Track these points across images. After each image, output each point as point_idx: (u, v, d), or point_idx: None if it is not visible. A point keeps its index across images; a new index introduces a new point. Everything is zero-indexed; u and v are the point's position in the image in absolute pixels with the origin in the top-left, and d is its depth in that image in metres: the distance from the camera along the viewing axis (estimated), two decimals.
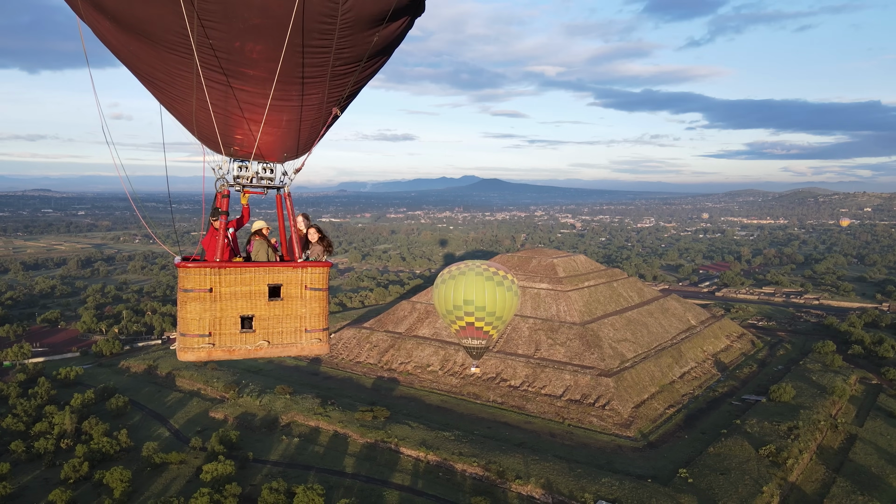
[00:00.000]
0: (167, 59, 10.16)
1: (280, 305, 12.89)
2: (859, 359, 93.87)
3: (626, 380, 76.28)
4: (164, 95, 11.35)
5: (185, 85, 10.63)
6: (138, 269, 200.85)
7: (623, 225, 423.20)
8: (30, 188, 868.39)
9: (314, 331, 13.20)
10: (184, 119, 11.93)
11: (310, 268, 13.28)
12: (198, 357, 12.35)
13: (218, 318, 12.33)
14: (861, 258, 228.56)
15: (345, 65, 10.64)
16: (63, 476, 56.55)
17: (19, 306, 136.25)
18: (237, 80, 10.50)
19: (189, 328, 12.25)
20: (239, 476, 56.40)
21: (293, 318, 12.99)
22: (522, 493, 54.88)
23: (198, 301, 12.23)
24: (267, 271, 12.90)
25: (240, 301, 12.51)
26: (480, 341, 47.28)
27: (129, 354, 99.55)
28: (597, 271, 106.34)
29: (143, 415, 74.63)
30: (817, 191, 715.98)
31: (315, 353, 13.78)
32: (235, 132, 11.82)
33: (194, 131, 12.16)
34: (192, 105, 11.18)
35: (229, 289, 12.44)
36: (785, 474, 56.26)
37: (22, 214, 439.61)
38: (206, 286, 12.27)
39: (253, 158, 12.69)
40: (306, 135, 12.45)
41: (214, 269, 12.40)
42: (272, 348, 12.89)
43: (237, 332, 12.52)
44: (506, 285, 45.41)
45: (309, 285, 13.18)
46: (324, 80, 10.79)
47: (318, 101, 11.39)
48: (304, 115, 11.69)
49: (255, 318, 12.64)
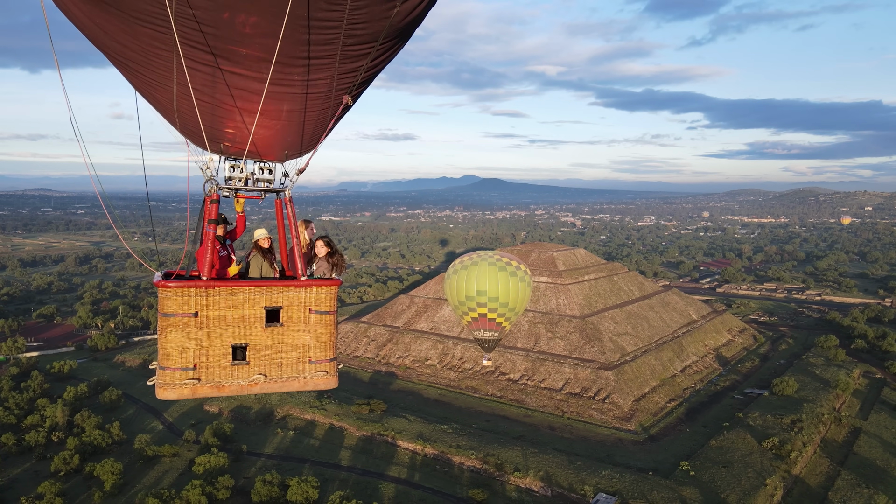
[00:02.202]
0: (140, 35, 8.39)
1: (279, 332, 10.94)
2: (862, 353, 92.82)
3: (626, 373, 75.28)
4: (139, 80, 9.46)
5: (164, 67, 8.80)
6: (136, 265, 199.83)
7: (623, 223, 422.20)
8: (30, 188, 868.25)
9: (320, 361, 11.25)
10: (163, 109, 9.99)
11: (315, 287, 11.16)
12: (180, 395, 10.46)
13: (205, 349, 10.42)
14: (863, 255, 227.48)
15: (358, 45, 8.82)
16: (53, 468, 55.59)
17: (15, 302, 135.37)
18: (226, 62, 8.65)
19: (170, 360, 10.31)
20: (232, 469, 55.43)
21: (295, 346, 11.04)
22: (521, 485, 53.89)
23: (180, 328, 10.28)
24: (263, 291, 10.87)
25: (231, 327, 10.58)
26: (493, 333, 46.06)
27: (124, 349, 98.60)
28: (597, 265, 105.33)
29: (136, 408, 73.66)
30: (818, 190, 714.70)
31: (321, 388, 11.64)
32: (225, 125, 9.92)
33: (176, 124, 10.21)
34: (173, 92, 9.29)
35: (218, 312, 10.49)
36: (788, 467, 55.25)
37: (21, 213, 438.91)
38: (190, 310, 10.32)
39: (247, 157, 10.74)
40: (311, 128, 10.46)
41: (200, 290, 10.37)
42: (269, 383, 10.94)
43: (227, 365, 10.58)
44: (519, 276, 44.22)
45: (314, 307, 11.12)
46: (332, 62, 8.96)
47: (326, 87, 9.42)
48: (309, 104, 9.72)
49: (249, 348, 10.71)
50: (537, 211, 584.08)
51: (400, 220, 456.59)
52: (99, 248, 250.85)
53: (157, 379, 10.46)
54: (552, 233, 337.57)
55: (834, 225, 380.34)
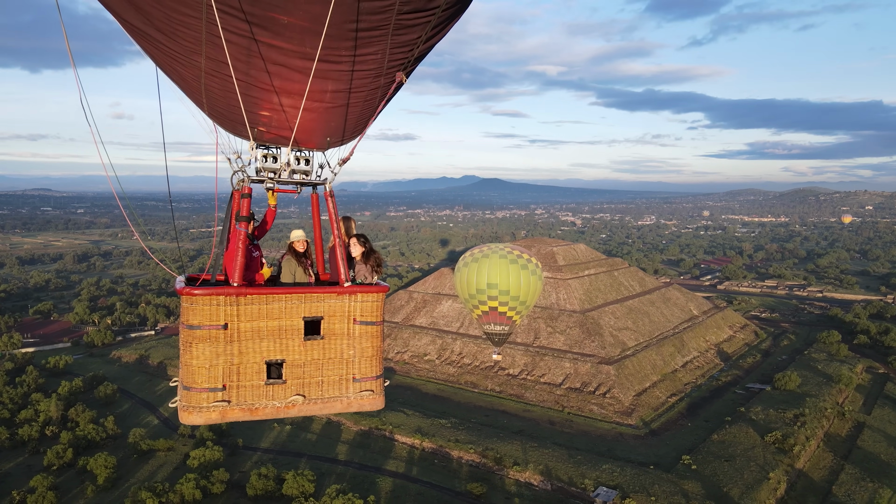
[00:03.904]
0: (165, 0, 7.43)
1: (320, 346, 9.59)
2: (865, 348, 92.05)
3: (627, 368, 74.51)
4: (163, 54, 8.14)
5: (191, 38, 7.70)
6: (135, 263, 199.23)
7: (624, 222, 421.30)
8: (30, 187, 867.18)
9: (365, 379, 9.85)
10: (189, 88, 8.73)
11: (360, 294, 9.80)
12: (207, 419, 9.07)
13: (235, 366, 9.12)
14: (864, 253, 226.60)
15: (413, 12, 7.74)
16: (46, 462, 54.91)
17: (13, 299, 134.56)
18: (265, 32, 7.50)
19: (196, 380, 8.95)
20: (228, 463, 54.75)
21: (337, 362, 9.72)
22: (520, 479, 53.14)
23: (208, 342, 8.95)
24: (302, 299, 9.46)
25: (265, 341, 9.25)
26: (503, 327, 45.22)
27: (121, 345, 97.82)
28: (597, 260, 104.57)
29: (132, 403, 72.91)
30: (818, 190, 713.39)
31: (365, 410, 10.17)
32: (260, 107, 8.63)
33: (203, 105, 8.96)
34: (201, 67, 8.13)
35: (251, 324, 9.16)
36: (792, 461, 54.50)
37: (21, 212, 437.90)
38: (219, 321, 8.97)
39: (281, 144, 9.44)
40: (357, 111, 9.11)
41: (231, 298, 9.00)
42: (309, 405, 9.57)
43: (261, 385, 9.24)
44: (530, 269, 43.39)
45: (359, 318, 9.80)
46: (385, 33, 7.84)
47: (376, 64, 8.22)
48: (357, 83, 8.45)
49: (285, 365, 9.39)
50: (537, 210, 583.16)
51: (400, 219, 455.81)
52: (98, 246, 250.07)
53: (181, 401, 9.17)
54: (552, 232, 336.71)
55: (834, 224, 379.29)
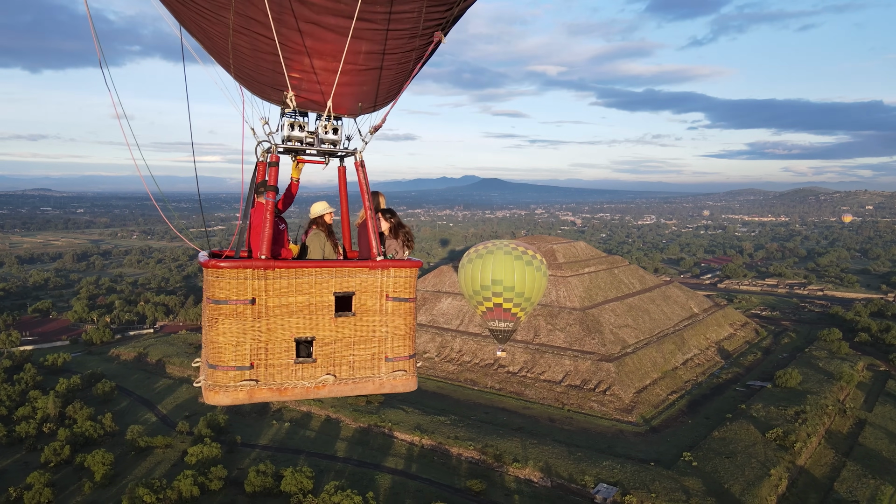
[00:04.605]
0: None
1: (351, 323, 9.07)
2: (866, 346, 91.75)
3: (627, 365, 74.22)
4: (188, 8, 7.69)
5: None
6: (134, 262, 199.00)
7: (624, 222, 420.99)
8: (30, 188, 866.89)
9: (398, 359, 9.40)
10: (215, 47, 8.22)
11: (393, 269, 9.27)
12: (234, 399, 8.58)
13: (263, 343, 8.62)
14: (864, 252, 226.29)
15: None
16: (43, 459, 54.62)
17: (11, 297, 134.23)
18: None
19: (222, 357, 8.46)
20: (226, 460, 54.43)
21: (369, 340, 9.24)
22: (520, 476, 52.85)
23: (235, 317, 8.44)
24: (333, 274, 8.93)
25: (295, 317, 8.74)
26: (508, 324, 44.89)
27: (119, 343, 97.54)
28: (597, 258, 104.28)
29: (130, 401, 72.62)
30: (818, 189, 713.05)
31: (398, 391, 9.74)
32: (291, 68, 8.11)
33: (230, 66, 8.47)
34: (229, 24, 7.62)
35: (280, 299, 8.66)
36: (793, 458, 54.21)
37: (21, 212, 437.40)
38: (246, 296, 8.45)
39: (313, 109, 8.89)
40: (391, 75, 8.59)
41: (258, 271, 8.48)
42: (339, 385, 9.08)
43: (290, 363, 8.74)
44: (535, 265, 43.06)
45: (391, 294, 9.30)
46: None
47: (412, 23, 7.76)
48: (391, 44, 7.94)
49: (315, 342, 8.90)
50: (537, 210, 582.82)
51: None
52: (97, 245, 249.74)
53: (206, 380, 8.66)
54: (552, 231, 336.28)
55: (835, 223, 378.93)
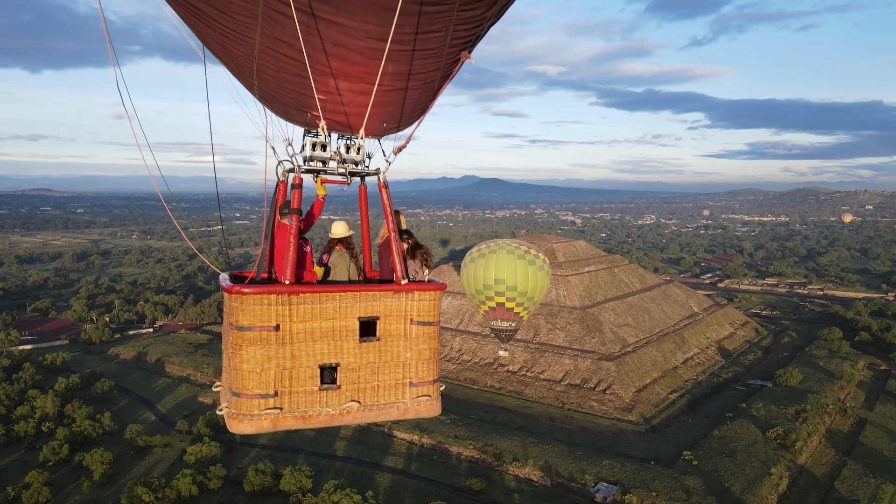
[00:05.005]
0: None
1: (375, 348, 9.02)
2: (866, 345, 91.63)
3: (627, 364, 74.07)
4: (213, 31, 7.64)
5: (245, 12, 7.26)
6: (134, 262, 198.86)
7: (624, 222, 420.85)
8: (30, 188, 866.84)
9: (422, 384, 9.37)
10: (239, 68, 8.22)
11: (417, 292, 9.25)
12: (259, 428, 8.51)
13: (287, 370, 8.55)
14: (864, 252, 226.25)
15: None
16: (42, 458, 54.52)
17: (11, 297, 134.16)
18: (326, 7, 7.12)
19: (246, 385, 8.38)
20: (225, 459, 54.31)
21: (393, 366, 9.20)
22: (520, 475, 52.71)
23: (259, 344, 8.37)
24: (357, 298, 8.88)
25: (319, 343, 8.67)
26: (510, 323, 44.75)
27: (119, 342, 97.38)
28: (597, 257, 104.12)
29: (129, 400, 72.48)
30: (818, 189, 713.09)
31: (422, 416, 9.70)
32: (317, 89, 8.04)
33: (254, 87, 8.49)
34: (255, 46, 7.60)
35: (304, 325, 8.60)
36: (794, 457, 54.06)
37: (20, 212, 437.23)
38: (270, 322, 8.40)
39: (337, 130, 8.88)
40: (416, 94, 8.59)
41: (283, 297, 8.43)
42: (364, 412, 9.06)
43: (315, 390, 8.68)
44: (538, 264, 42.90)
45: (416, 318, 9.27)
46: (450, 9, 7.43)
47: (438, 43, 7.80)
48: (417, 64, 7.92)
49: (340, 369, 8.83)
50: (537, 210, 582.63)
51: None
52: (97, 245, 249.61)
53: (230, 407, 8.59)
54: (552, 231, 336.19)
55: (835, 223, 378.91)
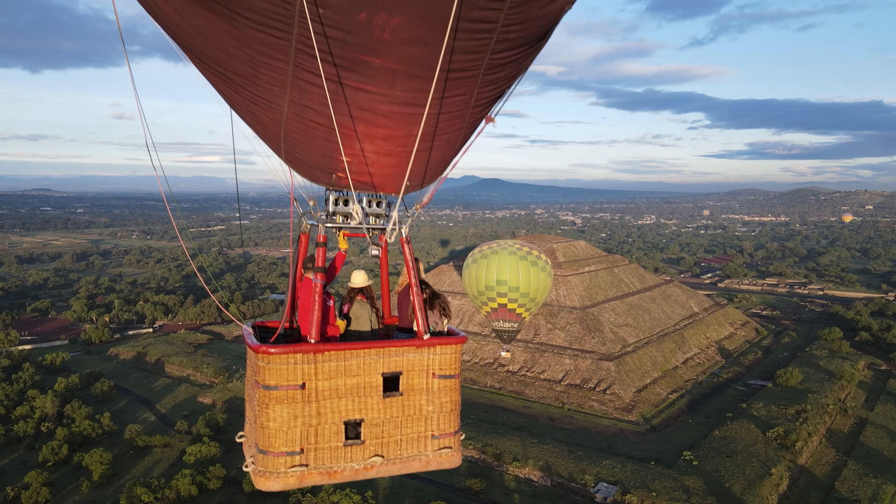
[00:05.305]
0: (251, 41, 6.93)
1: (398, 403, 9.16)
2: (867, 345, 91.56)
3: (627, 364, 74.01)
4: (242, 97, 7.77)
5: (274, 81, 7.29)
6: (133, 262, 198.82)
7: (624, 222, 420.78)
8: (30, 188, 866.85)
9: (443, 436, 9.46)
10: (266, 132, 8.34)
11: (439, 346, 9.39)
12: (285, 485, 8.61)
13: (314, 427, 8.64)
14: (864, 252, 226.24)
15: (506, 50, 7.40)
16: (41, 459, 54.44)
17: (11, 297, 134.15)
18: (353, 75, 7.15)
19: (273, 443, 8.47)
20: (224, 459, 54.20)
21: (416, 419, 9.31)
22: (520, 475, 52.64)
23: (286, 403, 8.48)
24: (381, 354, 9.00)
25: (344, 399, 8.80)
26: (512, 324, 44.73)
27: (118, 342, 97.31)
28: (597, 257, 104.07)
29: (129, 400, 72.41)
30: (818, 189, 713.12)
31: (444, 468, 9.73)
32: (342, 152, 8.16)
33: (280, 150, 8.57)
34: (283, 112, 7.67)
35: (329, 382, 8.71)
36: (794, 457, 54.00)
37: (20, 212, 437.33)
38: (297, 381, 8.51)
39: (359, 189, 9.03)
40: (439, 154, 8.72)
41: (308, 356, 8.56)
42: (387, 465, 9.14)
43: (340, 446, 8.78)
44: (540, 265, 42.88)
45: (437, 372, 9.41)
46: (476, 73, 7.48)
47: (463, 104, 7.91)
48: (441, 125, 8.05)
49: (364, 424, 8.94)
50: (537, 210, 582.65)
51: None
52: (97, 245, 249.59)
53: (256, 465, 8.68)
54: (552, 231, 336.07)
55: (835, 223, 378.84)
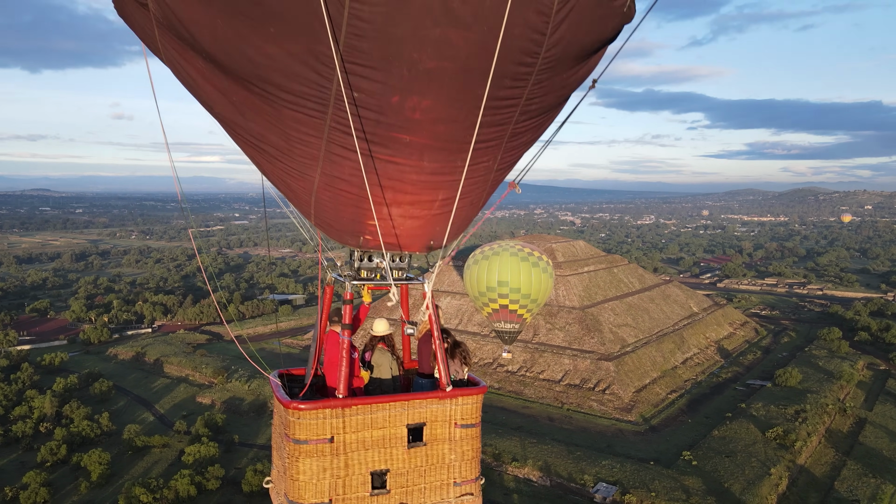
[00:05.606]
0: (287, 120, 7.21)
1: (422, 453, 9.47)
2: (866, 345, 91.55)
3: (626, 364, 73.98)
4: (275, 168, 8.20)
5: (308, 155, 7.65)
6: (133, 262, 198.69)
7: (623, 222, 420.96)
8: (29, 188, 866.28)
9: (465, 482, 9.79)
10: (298, 199, 8.83)
11: (461, 397, 9.75)
12: None
13: (341, 478, 8.97)
14: (863, 252, 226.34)
15: (528, 119, 7.80)
16: (40, 459, 54.26)
17: (9, 297, 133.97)
18: (384, 150, 7.47)
19: (302, 495, 8.83)
20: (223, 459, 54.09)
21: (439, 468, 9.62)
22: (519, 475, 52.61)
23: (315, 457, 8.82)
24: (405, 406, 9.37)
25: (370, 451, 9.14)
26: (514, 325, 44.71)
27: (117, 342, 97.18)
28: (596, 257, 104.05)
29: (127, 400, 72.31)
30: (817, 189, 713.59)
31: None
32: (370, 217, 8.53)
33: (311, 215, 9.04)
34: (314, 181, 8.06)
35: (356, 435, 9.05)
36: (793, 457, 53.97)
37: (19, 212, 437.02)
38: (325, 434, 8.85)
39: (386, 250, 9.41)
40: (463, 215, 9.13)
41: (337, 410, 8.94)
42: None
43: (366, 496, 9.15)
44: (541, 266, 42.88)
45: (459, 421, 9.74)
46: (500, 142, 7.85)
47: (485, 170, 8.38)
48: (465, 189, 8.42)
49: (389, 474, 9.26)
50: (536, 210, 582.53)
51: None
52: (96, 245, 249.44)
53: None
54: (551, 231, 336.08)
55: (834, 223, 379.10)
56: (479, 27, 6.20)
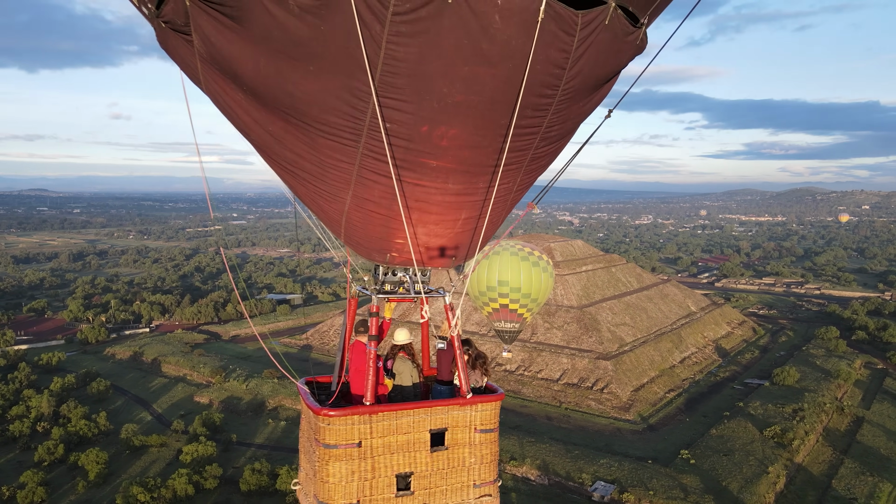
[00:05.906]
0: (321, 147, 7.63)
1: (444, 456, 10.04)
2: (863, 344, 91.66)
3: (624, 363, 74.03)
4: (308, 190, 8.76)
5: (340, 179, 8.13)
6: (130, 262, 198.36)
7: (621, 222, 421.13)
8: (26, 188, 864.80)
9: (484, 484, 10.37)
10: (329, 219, 9.40)
11: (480, 404, 10.29)
12: None
13: (368, 481, 9.46)
14: (861, 251, 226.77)
15: (547, 145, 8.41)
16: (37, 458, 54.16)
17: (7, 297, 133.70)
18: (413, 174, 7.97)
19: (332, 497, 9.32)
20: (221, 458, 54.01)
21: (459, 470, 10.17)
22: (517, 474, 52.58)
23: (344, 460, 9.30)
24: (428, 413, 9.93)
25: (396, 455, 9.66)
26: (514, 324, 44.79)
27: (115, 342, 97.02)
28: (595, 256, 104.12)
29: (125, 399, 72.18)
30: (815, 189, 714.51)
31: None
32: (397, 236, 9.09)
33: (341, 234, 9.58)
34: (345, 204, 8.60)
35: (383, 440, 9.57)
36: (791, 455, 54.03)
37: (17, 212, 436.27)
38: (354, 439, 9.35)
39: (410, 265, 10.03)
40: (482, 232, 9.76)
41: (364, 416, 9.43)
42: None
43: (392, 497, 9.67)
44: (542, 266, 42.96)
45: (479, 426, 10.28)
46: (520, 166, 8.50)
47: (506, 191, 9.08)
48: (485, 209, 9.05)
49: (413, 476, 9.80)
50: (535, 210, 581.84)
51: None
52: (93, 245, 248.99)
53: None
54: (550, 230, 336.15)
55: (832, 223, 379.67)
56: (505, 65, 6.58)
